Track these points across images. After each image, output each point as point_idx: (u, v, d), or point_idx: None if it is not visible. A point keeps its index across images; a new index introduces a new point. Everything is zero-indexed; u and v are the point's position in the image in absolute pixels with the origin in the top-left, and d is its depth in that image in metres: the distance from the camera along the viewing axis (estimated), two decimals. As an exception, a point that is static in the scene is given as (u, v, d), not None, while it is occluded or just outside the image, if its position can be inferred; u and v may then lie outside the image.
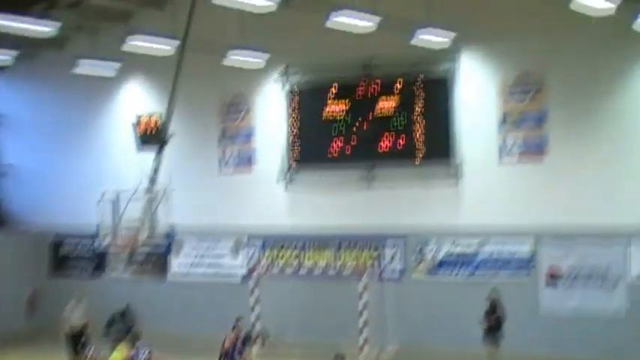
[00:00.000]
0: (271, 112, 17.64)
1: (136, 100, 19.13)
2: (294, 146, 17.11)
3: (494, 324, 14.56)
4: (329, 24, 13.12)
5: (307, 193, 17.27)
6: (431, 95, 16.02)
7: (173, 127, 16.29)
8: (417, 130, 16.08)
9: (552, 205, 15.32)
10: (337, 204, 16.99)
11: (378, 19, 13.11)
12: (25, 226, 20.45)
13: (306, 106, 16.98)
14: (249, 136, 17.97)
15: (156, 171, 16.20)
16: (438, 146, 16.03)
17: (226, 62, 16.07)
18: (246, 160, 18.05)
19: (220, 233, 18.23)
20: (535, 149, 15.47)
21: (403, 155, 16.21)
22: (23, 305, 19.82)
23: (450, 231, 16.17)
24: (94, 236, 16.74)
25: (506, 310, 14.59)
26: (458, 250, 16.08)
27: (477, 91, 15.99)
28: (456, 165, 15.96)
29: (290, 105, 17.13)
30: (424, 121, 16.04)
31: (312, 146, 16.88)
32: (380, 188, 16.61)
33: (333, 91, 16.65)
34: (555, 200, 15.32)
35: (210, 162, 18.42)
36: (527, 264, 15.54)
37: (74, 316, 16.32)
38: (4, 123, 20.81)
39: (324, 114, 16.73)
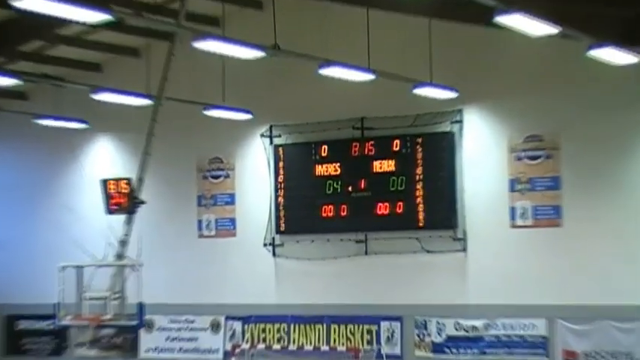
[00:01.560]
0: (255, 174, 17.04)
1: (105, 161, 18.46)
2: (280, 212, 16.39)
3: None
4: (318, 77, 12.72)
5: (294, 263, 16.43)
6: (432, 156, 15.38)
7: (145, 192, 15.61)
8: (418, 194, 15.34)
9: (567, 282, 14.52)
10: (328, 276, 16.15)
11: (371, 75, 12.68)
12: None
13: (293, 167, 16.40)
14: (230, 200, 17.23)
15: (125, 240, 15.58)
16: (440, 212, 15.33)
17: (207, 120, 15.61)
18: (227, 227, 17.29)
19: (198, 308, 17.31)
20: (548, 217, 14.69)
21: (402, 221, 15.56)
22: None
23: (455, 307, 15.30)
24: (55, 311, 15.61)
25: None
26: (464, 328, 15.18)
27: (482, 153, 15.29)
28: (461, 233, 15.18)
29: (276, 167, 16.50)
30: (425, 184, 15.34)
31: (301, 212, 16.19)
32: (376, 258, 15.84)
33: (324, 153, 16.05)
34: (571, 275, 14.47)
35: (187, 230, 17.64)
36: (541, 346, 14.68)
37: None
38: None
39: (315, 176, 16.12)
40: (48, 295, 15.69)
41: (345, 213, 15.78)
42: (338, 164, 15.93)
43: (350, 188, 15.81)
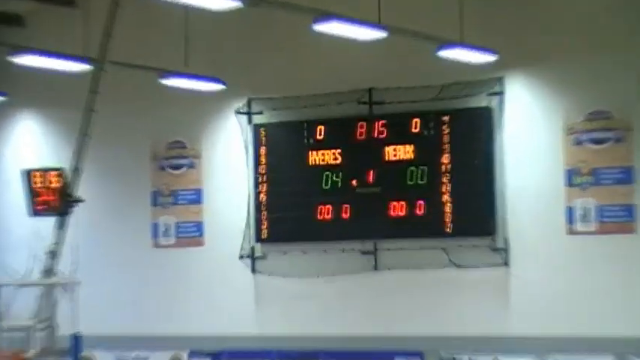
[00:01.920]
0: (229, 163, 15.39)
1: (29, 146, 16.99)
2: (262, 213, 14.60)
3: None
4: (313, 37, 11.07)
5: (280, 281, 14.52)
6: (463, 140, 13.48)
7: (83, 187, 13.93)
8: (444, 190, 13.44)
9: None
10: (326, 297, 14.35)
11: (382, 33, 10.73)
12: None
13: (279, 155, 14.83)
14: (195, 198, 15.41)
15: (56, 251, 13.97)
16: (474, 214, 13.43)
17: (166, 93, 13.94)
18: (191, 234, 15.60)
19: (153, 341, 15.67)
20: (617, 222, 12.80)
21: (424, 226, 13.72)
22: None
23: (493, 339, 13.43)
24: None
25: None
26: None
27: (530, 135, 13.37)
28: (501, 242, 13.17)
29: (256, 153, 14.88)
30: (454, 177, 13.44)
31: (290, 212, 14.42)
32: (389, 275, 14.01)
33: (320, 135, 14.33)
34: None
35: (138, 237, 16.01)
36: None
37: None
38: None
39: (308, 166, 14.49)
40: None
41: (347, 215, 14.07)
42: (338, 150, 14.25)
43: (354, 182, 14.16)
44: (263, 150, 14.79)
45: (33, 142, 17.18)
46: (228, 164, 15.30)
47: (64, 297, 13.96)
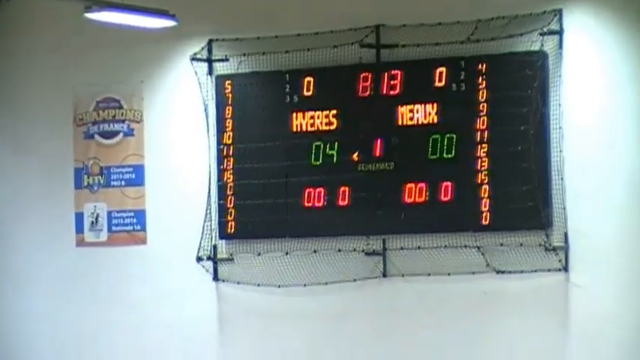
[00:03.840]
0: (182, 128, 11.75)
1: None
2: (228, 197, 11.19)
3: None
4: None
5: (254, 292, 11.06)
6: (506, 97, 10.22)
7: None
8: (480, 167, 10.19)
9: None
10: (317, 317, 10.89)
11: None
12: None
13: (252, 118, 11.24)
14: (135, 177, 11.81)
15: None
16: (521, 200, 10.09)
17: (91, 34, 10.85)
18: (129, 227, 11.89)
19: None
20: None
21: (451, 217, 10.40)
22: None
23: None
24: None
25: None
26: None
27: (597, 90, 10.07)
28: (559, 239, 9.95)
29: (220, 115, 11.40)
30: (493, 149, 10.20)
31: (266, 197, 11.10)
32: (403, 283, 10.54)
33: (307, 91, 10.92)
34: None
35: (57, 232, 12.12)
36: None
37: None
38: None
39: (291, 133, 11.11)
40: None
41: (346, 201, 10.59)
42: (334, 112, 10.69)
43: (356, 156, 10.65)
44: (229, 111, 11.16)
45: None
46: (181, 131, 11.65)
47: None
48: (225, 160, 11.19)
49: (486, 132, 10.15)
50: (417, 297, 10.48)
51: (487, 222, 10.15)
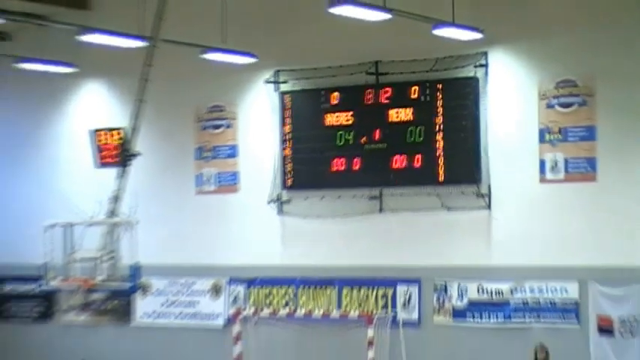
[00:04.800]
0: (259, 123, 16.56)
1: (95, 109, 18.17)
2: (287, 165, 15.92)
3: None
4: (329, 17, 11.86)
5: (302, 221, 15.98)
6: (454, 104, 14.71)
7: (140, 144, 15.21)
8: (438, 146, 14.71)
9: (602, 242, 13.90)
10: (339, 235, 15.74)
11: (387, 15, 11.84)
12: None
13: (301, 117, 15.96)
14: (231, 152, 16.75)
15: (118, 196, 15.32)
16: (463, 166, 14.65)
17: (206, 65, 15.17)
18: (228, 182, 16.85)
19: (198, 269, 17.05)
20: (582, 170, 13.96)
21: (421, 176, 14.92)
22: None
23: (478, 269, 14.76)
24: (42, 273, 15.39)
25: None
26: (489, 291, 14.65)
27: (509, 100, 14.54)
28: (485, 189, 14.47)
29: (282, 115, 16.05)
30: (446, 135, 14.71)
31: (309, 165, 15.72)
32: (392, 216, 15.28)
33: (334, 100, 15.53)
34: (606, 234, 13.83)
35: (185, 185, 17.27)
36: (572, 311, 14.06)
37: None
38: None
39: (324, 126, 15.67)
40: (34, 255, 15.46)
41: (357, 167, 15.29)
42: (350, 113, 15.34)
43: (363, 139, 15.29)
44: (288, 113, 15.90)
45: (98, 106, 18.09)
46: (259, 125, 16.50)
47: (125, 234, 15.10)
48: (285, 142, 15.89)
49: (442, 125, 14.59)
50: (400, 223, 15.14)
51: (442, 179, 14.70)
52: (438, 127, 14.76)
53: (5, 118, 19.40)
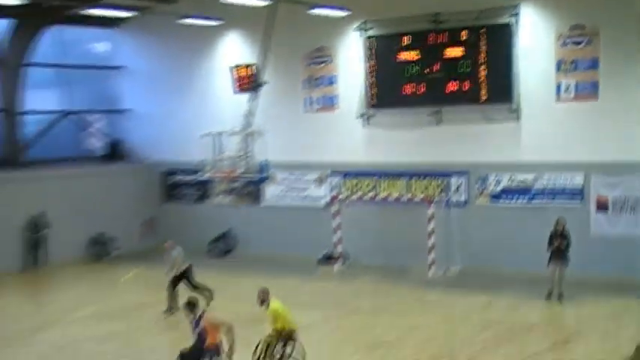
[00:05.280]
0: (351, 60, 19.34)
1: (233, 51, 20.88)
2: (371, 90, 18.88)
3: (564, 246, 15.44)
4: None
5: (382, 130, 19.05)
6: (493, 43, 17.50)
7: (265, 74, 18.32)
8: (481, 75, 17.57)
9: (602, 143, 16.57)
10: (409, 140, 18.74)
11: None
12: (141, 160, 23.05)
13: (381, 55, 18.76)
14: (331, 81, 19.78)
15: (251, 113, 18.41)
16: (499, 89, 17.49)
17: (312, 17, 17.91)
18: (328, 103, 19.90)
19: (308, 165, 20.19)
20: (587, 92, 16.69)
21: (468, 97, 17.78)
22: (139, 227, 22.48)
23: (509, 164, 17.64)
24: (199, 168, 18.63)
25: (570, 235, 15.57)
26: (517, 181, 17.52)
27: (535, 40, 17.27)
28: (515, 106, 17.32)
29: (368, 54, 18.84)
30: (487, 67, 17.48)
31: (387, 90, 18.67)
32: (447, 126, 18.18)
33: (406, 42, 18.33)
34: (605, 138, 16.52)
35: (296, 106, 20.25)
36: (579, 194, 16.86)
37: (179, 260, 15.79)
38: (124, 73, 23.34)
39: (398, 62, 18.43)
40: (195, 155, 18.84)
41: (422, 91, 18.14)
42: (417, 51, 18.17)
43: (426, 71, 18.01)
44: (371, 52, 18.62)
45: (236, 49, 20.81)
46: (351, 61, 19.30)
47: (257, 140, 18.13)
48: (370, 74, 18.72)
49: (485, 59, 17.42)
50: (453, 132, 18.10)
51: (485, 99, 17.60)
52: (481, 60, 17.39)
53: (171, 60, 22.11)
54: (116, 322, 14.69)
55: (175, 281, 15.49)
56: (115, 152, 23.31)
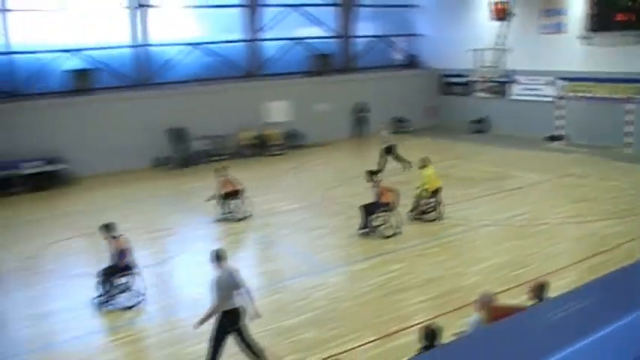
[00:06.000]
0: None
1: None
2: (591, 17, 23.14)
3: None
4: None
5: (596, 48, 23.10)
6: None
7: (515, 7, 24.12)
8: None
9: None
10: (616, 56, 22.43)
11: None
12: (428, 67, 30.40)
13: None
14: (559, 12, 24.39)
15: (502, 35, 24.51)
16: None
17: None
18: (556, 28, 24.43)
19: (540, 73, 25.05)
20: None
21: None
22: (423, 110, 30.01)
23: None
24: (465, 73, 25.35)
25: None
26: None
27: None
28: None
29: None
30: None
31: (603, 16, 22.76)
32: None
33: None
34: None
35: (535, 29, 24.94)
36: None
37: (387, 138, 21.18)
38: (419, 10, 30.39)
39: None
40: (462, 64, 25.85)
41: (631, 19, 21.94)
42: None
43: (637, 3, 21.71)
44: None
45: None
46: None
47: (506, 54, 23.84)
48: (592, 6, 22.61)
49: None
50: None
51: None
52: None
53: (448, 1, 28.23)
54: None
55: (387, 151, 20.55)
56: (411, 63, 30.86)
